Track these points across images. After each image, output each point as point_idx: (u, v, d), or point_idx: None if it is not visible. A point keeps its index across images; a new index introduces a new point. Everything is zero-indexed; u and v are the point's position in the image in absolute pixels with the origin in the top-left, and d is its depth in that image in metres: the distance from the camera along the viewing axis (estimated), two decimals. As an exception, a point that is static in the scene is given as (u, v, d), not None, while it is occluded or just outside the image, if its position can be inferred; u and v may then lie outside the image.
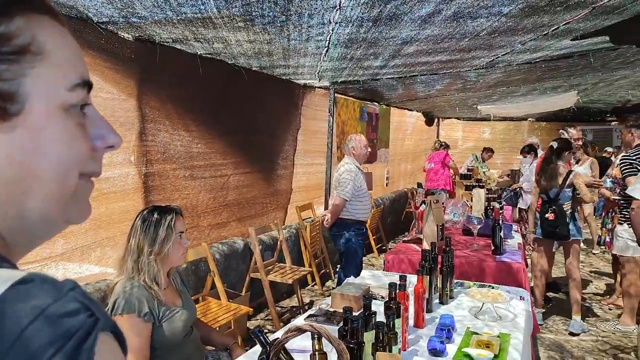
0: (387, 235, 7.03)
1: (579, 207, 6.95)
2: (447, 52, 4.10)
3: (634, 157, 3.34)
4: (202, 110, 3.90)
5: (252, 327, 3.75)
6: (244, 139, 4.47)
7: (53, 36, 0.46)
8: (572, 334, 3.76)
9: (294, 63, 4.29)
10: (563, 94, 7.24)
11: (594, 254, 6.44)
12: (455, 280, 2.56)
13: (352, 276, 3.79)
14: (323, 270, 5.02)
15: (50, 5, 0.47)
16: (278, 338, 1.11)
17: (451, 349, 1.71)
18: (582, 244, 4.13)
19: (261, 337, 1.15)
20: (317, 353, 1.21)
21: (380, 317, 1.55)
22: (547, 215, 3.82)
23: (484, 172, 7.26)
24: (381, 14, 2.93)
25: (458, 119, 12.03)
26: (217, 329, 2.95)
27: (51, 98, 0.45)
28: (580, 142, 4.90)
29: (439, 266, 2.26)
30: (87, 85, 0.49)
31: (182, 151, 3.68)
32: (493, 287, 2.42)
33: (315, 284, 4.76)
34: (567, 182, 3.81)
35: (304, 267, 4.43)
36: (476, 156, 7.73)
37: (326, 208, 5.70)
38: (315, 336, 1.22)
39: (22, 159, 0.43)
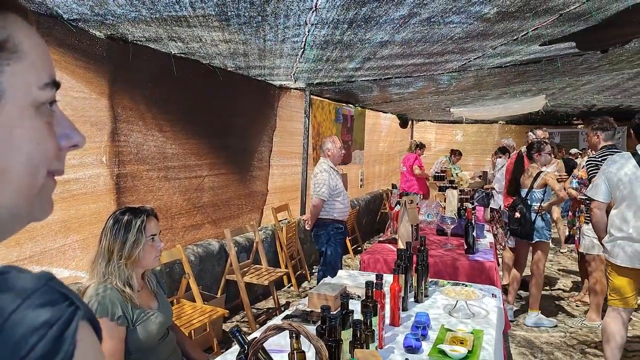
0: (363, 236, 7.07)
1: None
2: (420, 56, 4.17)
3: (600, 159, 3.47)
4: (176, 110, 3.85)
5: (228, 330, 3.71)
6: (219, 140, 4.43)
7: (27, 36, 0.47)
8: (527, 326, 3.90)
9: (270, 64, 4.28)
10: (532, 98, 7.46)
11: (562, 252, 6.64)
12: (430, 279, 2.60)
13: (329, 276, 3.82)
14: (299, 272, 5.02)
15: (24, 5, 0.47)
16: (256, 337, 1.10)
17: (427, 345, 1.74)
18: (550, 244, 4.26)
19: (239, 337, 1.14)
20: (295, 352, 1.21)
21: (358, 316, 1.57)
22: (515, 214, 3.93)
23: (456, 174, 7.41)
24: (357, 16, 2.96)
25: (431, 121, 12.23)
26: (192, 331, 2.92)
27: (24, 95, 0.45)
28: (547, 141, 5.07)
29: (414, 265, 2.29)
30: (55, 84, 0.50)
31: (155, 152, 3.62)
32: (466, 285, 2.47)
33: (292, 286, 4.75)
34: (538, 183, 3.93)
35: (280, 268, 4.42)
36: (448, 157, 7.88)
37: (302, 209, 5.70)
38: (294, 335, 1.22)
39: None
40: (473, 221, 3.33)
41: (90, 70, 2.99)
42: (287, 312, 2.13)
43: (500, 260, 4.63)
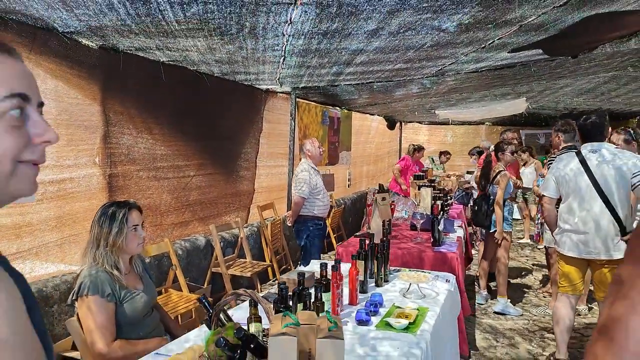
0: (348, 233, 7.34)
1: (524, 205, 7.46)
2: (396, 62, 4.44)
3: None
4: (165, 114, 4.10)
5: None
6: (207, 142, 4.69)
7: None
8: (497, 313, 4.18)
9: (255, 70, 4.54)
10: (513, 101, 7.70)
11: (539, 248, 6.94)
12: (393, 268, 2.87)
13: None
14: (284, 266, 5.28)
15: None
16: (218, 302, 1.36)
17: (377, 320, 2.00)
18: (509, 237, 4.53)
19: (205, 302, 1.40)
20: (252, 316, 1.48)
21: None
22: (476, 207, 4.27)
23: (439, 174, 7.70)
24: (329, 28, 3.22)
25: (420, 122, 12.51)
26: (179, 316, 3.17)
27: None
28: (515, 142, 5.36)
29: (375, 254, 2.56)
30: (19, 96, 0.66)
31: (145, 153, 3.87)
32: (423, 272, 2.74)
33: (276, 279, 5.00)
34: (495, 180, 4.24)
35: (265, 262, 4.68)
36: (432, 159, 8.16)
37: (289, 207, 5.97)
38: (252, 303, 1.49)
39: None
40: (440, 216, 3.60)
41: (83, 78, 3.25)
42: (261, 294, 2.39)
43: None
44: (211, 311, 1.38)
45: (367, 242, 2.52)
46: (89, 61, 3.26)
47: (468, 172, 8.69)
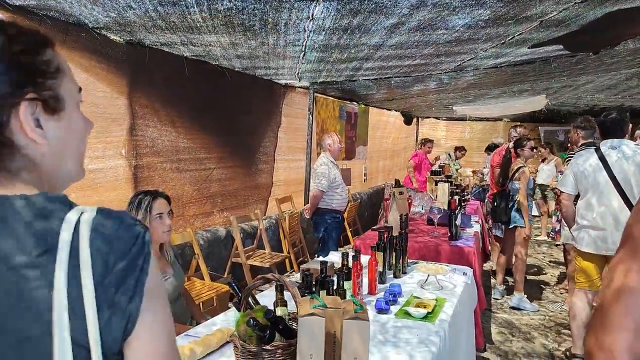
0: (364, 228, 7.40)
1: (542, 202, 7.41)
2: (415, 58, 4.46)
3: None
4: (188, 108, 4.20)
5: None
6: (227, 136, 4.78)
7: (63, 60, 0.76)
8: (513, 308, 4.21)
9: (275, 65, 4.61)
10: (533, 97, 7.62)
11: (556, 245, 6.90)
12: (411, 260, 2.92)
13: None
14: (301, 258, 5.37)
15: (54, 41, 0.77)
16: (248, 286, 1.44)
17: (395, 309, 2.07)
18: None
19: (234, 286, 1.48)
20: (279, 300, 1.55)
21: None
22: (495, 203, 4.28)
23: (456, 169, 7.69)
24: (350, 24, 3.27)
25: (437, 118, 12.45)
26: (201, 304, 3.27)
27: (73, 98, 0.76)
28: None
29: (394, 246, 2.62)
30: (80, 89, 0.78)
31: (169, 146, 3.98)
32: (442, 265, 2.79)
33: (294, 271, 5.10)
34: (515, 176, 4.24)
35: (284, 254, 4.77)
36: (449, 154, 8.15)
37: (306, 201, 6.05)
38: (278, 287, 1.56)
39: (65, 136, 0.73)
40: (457, 211, 3.63)
41: (111, 72, 3.36)
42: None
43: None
44: (240, 295, 1.45)
45: (385, 234, 2.58)
46: (116, 56, 3.37)
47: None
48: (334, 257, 3.04)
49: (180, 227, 4.15)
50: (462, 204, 4.29)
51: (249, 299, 1.45)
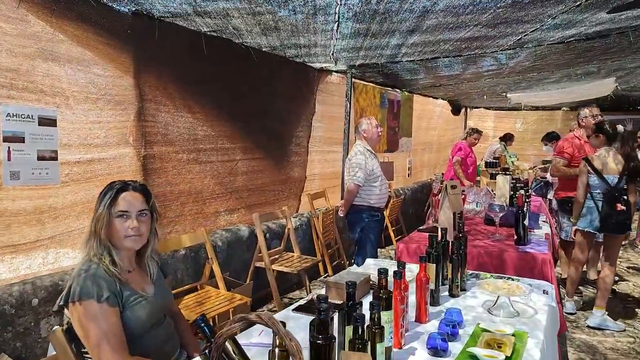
0: (408, 227, 6.74)
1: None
2: (469, 27, 3.78)
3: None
4: (208, 91, 3.73)
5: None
6: (254, 123, 4.29)
7: None
8: (591, 327, 3.46)
9: (305, 42, 4.06)
10: (600, 81, 6.74)
11: (634, 249, 5.98)
12: (470, 272, 2.30)
13: (363, 262, 3.57)
14: (337, 261, 4.80)
15: None
16: (221, 332, 0.89)
17: (456, 347, 1.46)
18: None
19: (205, 328, 0.94)
20: (276, 349, 0.99)
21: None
22: (617, 206, 3.46)
23: (512, 162, 6.88)
24: (392, -21, 2.67)
25: (487, 108, 11.55)
26: (216, 317, 2.77)
27: None
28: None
29: (449, 254, 2.00)
30: None
31: (185, 133, 3.52)
32: (512, 279, 2.14)
33: (328, 275, 4.54)
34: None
35: (316, 257, 4.22)
36: (504, 145, 7.33)
37: (342, 197, 5.48)
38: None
39: None
40: (525, 209, 2.95)
41: (113, 47, 2.91)
42: (302, 301, 1.92)
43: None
44: (211, 341, 0.91)
45: (438, 239, 1.97)
46: (120, 28, 2.92)
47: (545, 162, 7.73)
48: (372, 268, 2.46)
49: (200, 226, 3.70)
50: (527, 200, 3.57)
51: (227, 349, 0.90)
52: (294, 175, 4.95)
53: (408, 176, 7.78)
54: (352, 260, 3.79)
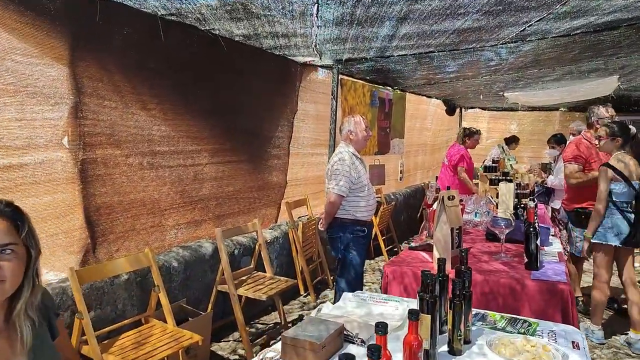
0: (400, 235, 6.25)
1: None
2: (468, 15, 3.30)
3: None
4: (167, 85, 3.22)
5: (219, 353, 3.05)
6: (225, 122, 3.78)
7: None
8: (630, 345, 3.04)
9: (282, 30, 3.56)
10: (602, 79, 6.33)
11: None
12: (474, 311, 1.80)
13: (347, 286, 3.06)
14: (319, 278, 4.30)
15: None
16: None
17: None
18: None
19: None
20: None
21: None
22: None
23: (511, 165, 6.42)
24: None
25: (483, 109, 11.12)
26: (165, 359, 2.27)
27: None
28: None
29: (448, 295, 1.51)
30: None
31: (137, 134, 3.00)
32: (530, 325, 1.65)
33: (308, 294, 4.04)
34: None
35: (296, 273, 3.71)
36: (503, 147, 6.86)
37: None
38: None
39: None
40: (537, 225, 2.47)
41: (41, 29, 2.39)
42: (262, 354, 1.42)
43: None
44: None
45: (432, 277, 1.47)
46: (49, 7, 2.40)
47: (540, 165, 7.27)
48: (348, 302, 1.95)
49: (157, 241, 3.19)
50: (535, 213, 3.09)
51: None
52: (273, 181, 4.45)
53: (400, 180, 7.29)
54: (335, 282, 3.28)
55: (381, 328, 1.06)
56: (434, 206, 3.11)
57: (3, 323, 1.14)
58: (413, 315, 1.16)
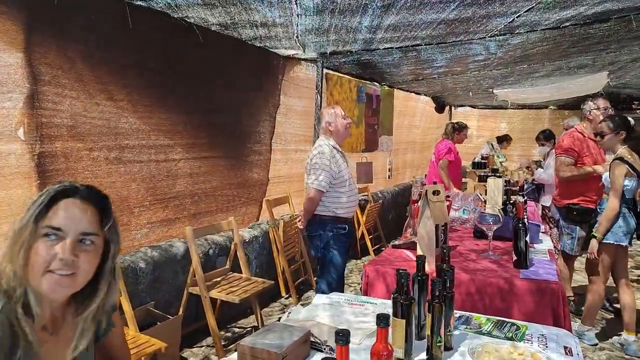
0: (388, 234, 6.10)
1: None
2: (453, 3, 3.16)
3: None
4: (136, 75, 3.03)
5: (190, 359, 2.87)
6: (201, 116, 3.60)
7: None
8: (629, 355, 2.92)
9: (261, 19, 3.39)
10: (592, 75, 6.25)
11: None
12: (458, 313, 1.65)
13: (327, 288, 2.90)
14: (302, 278, 4.13)
15: None
16: None
17: None
18: None
19: None
20: None
21: None
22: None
23: (501, 162, 6.29)
24: None
25: (472, 107, 11.02)
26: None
27: None
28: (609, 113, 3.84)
29: (428, 297, 1.35)
30: None
31: (102, 126, 2.81)
32: (518, 328, 1.50)
33: (290, 295, 3.86)
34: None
35: (277, 274, 3.53)
36: (492, 145, 6.74)
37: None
38: None
39: None
40: (526, 221, 2.32)
41: (-9, 9, 2.21)
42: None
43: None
44: None
45: (407, 273, 1.30)
46: (-1, -15, 2.22)
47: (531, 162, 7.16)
48: (320, 306, 1.78)
49: (128, 242, 3.00)
50: (525, 208, 2.95)
51: None
52: (253, 177, 4.27)
53: (389, 178, 7.15)
54: (316, 282, 3.11)
55: (342, 337, 0.89)
56: (419, 202, 2.96)
57: (63, 321, 0.99)
58: (382, 321, 0.99)
